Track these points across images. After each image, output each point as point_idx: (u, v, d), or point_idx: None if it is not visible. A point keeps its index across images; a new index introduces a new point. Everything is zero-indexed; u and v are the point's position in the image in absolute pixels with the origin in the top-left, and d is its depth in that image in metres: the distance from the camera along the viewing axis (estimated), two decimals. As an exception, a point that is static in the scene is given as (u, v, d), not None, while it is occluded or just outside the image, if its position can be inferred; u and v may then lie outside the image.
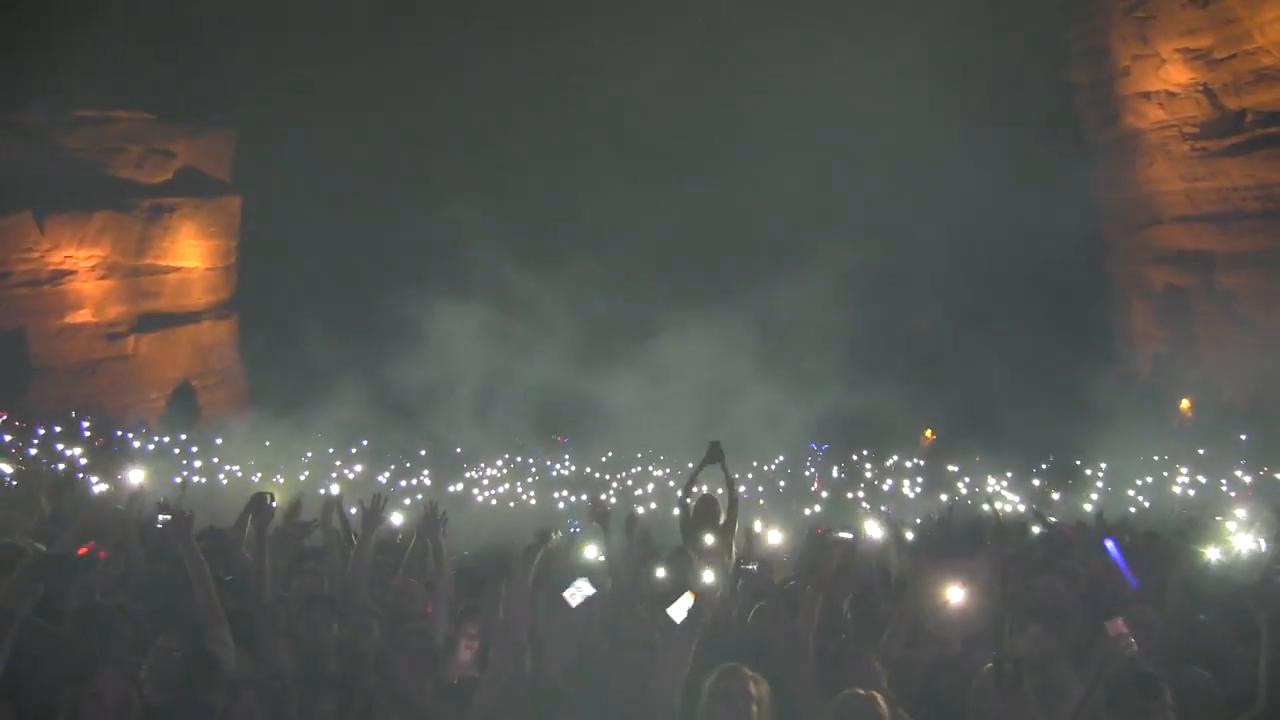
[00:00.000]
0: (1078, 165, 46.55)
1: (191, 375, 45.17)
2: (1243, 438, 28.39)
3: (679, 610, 4.17)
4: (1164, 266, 44.08)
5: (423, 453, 34.32)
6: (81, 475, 13.53)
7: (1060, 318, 35.90)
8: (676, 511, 8.33)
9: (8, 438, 25.19)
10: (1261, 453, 25.70)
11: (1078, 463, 29.81)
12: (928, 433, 37.91)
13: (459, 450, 34.37)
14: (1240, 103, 40.47)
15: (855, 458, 34.71)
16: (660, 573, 5.97)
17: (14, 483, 11.51)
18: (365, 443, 33.28)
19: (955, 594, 4.80)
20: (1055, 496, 25.11)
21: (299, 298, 42.19)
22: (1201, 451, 28.13)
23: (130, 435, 32.40)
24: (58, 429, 28.05)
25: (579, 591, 4.62)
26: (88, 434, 30.14)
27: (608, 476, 34.03)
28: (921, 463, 33.62)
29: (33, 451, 22.86)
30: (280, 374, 34.09)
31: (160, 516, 5.36)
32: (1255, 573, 5.61)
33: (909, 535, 10.43)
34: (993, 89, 42.00)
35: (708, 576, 5.37)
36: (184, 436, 34.08)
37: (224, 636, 4.76)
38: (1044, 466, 30.21)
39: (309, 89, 44.34)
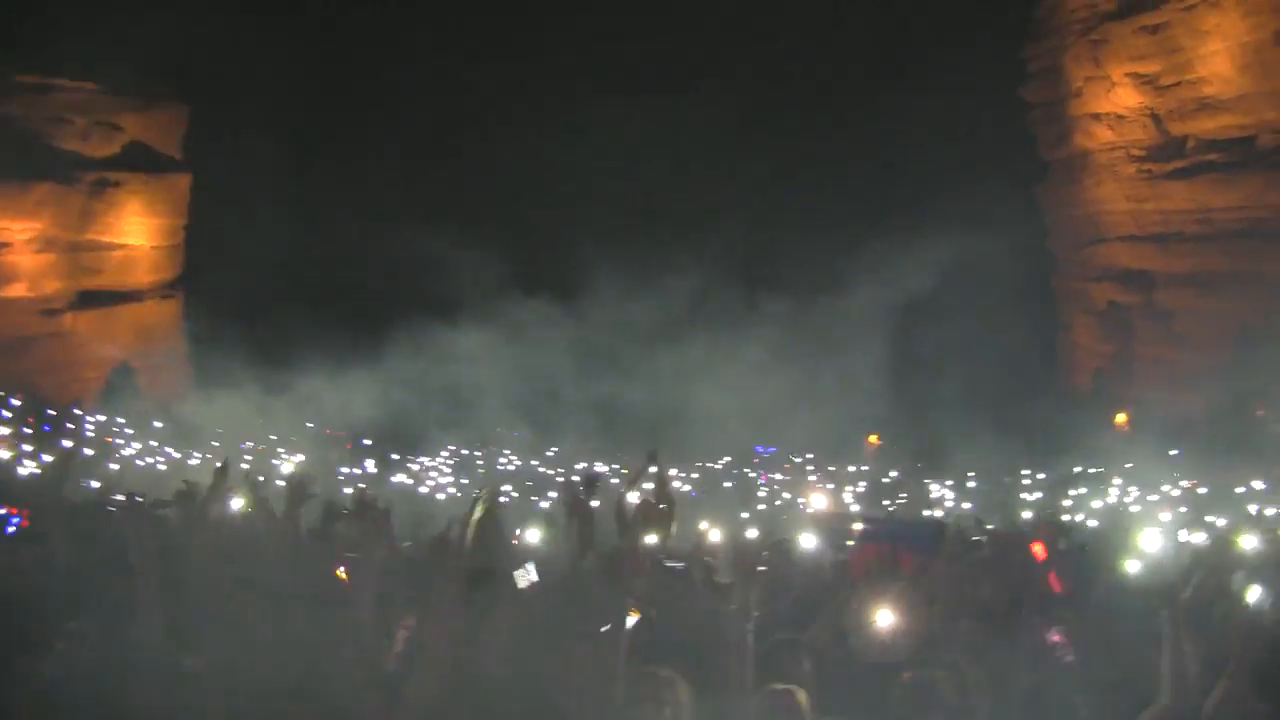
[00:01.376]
0: (1028, 181, 47.35)
1: (132, 355, 44.24)
2: (1174, 453, 29.04)
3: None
4: (1107, 284, 45.00)
5: (368, 442, 33.98)
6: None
7: (1005, 329, 36.35)
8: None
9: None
10: (1193, 468, 26.31)
11: (1024, 472, 30.33)
12: (872, 438, 38.33)
13: (406, 441, 34.08)
14: (1183, 129, 41.50)
15: (799, 460, 34.96)
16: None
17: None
18: (311, 426, 32.86)
19: (885, 618, 4.83)
20: (994, 503, 25.51)
21: (250, 280, 41.56)
22: (1129, 465, 28.73)
23: (64, 414, 31.78)
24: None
25: (525, 575, 4.66)
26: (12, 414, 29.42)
27: (553, 471, 33.91)
28: (865, 468, 33.99)
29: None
30: (226, 357, 33.48)
31: (115, 497, 5.28)
32: (1167, 575, 5.75)
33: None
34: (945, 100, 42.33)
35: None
36: (121, 419, 33.45)
37: (155, 624, 4.66)
38: (984, 475, 30.63)
39: (269, 66, 43.54)
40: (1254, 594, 4.55)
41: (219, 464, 6.84)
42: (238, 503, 7.24)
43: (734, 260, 33.67)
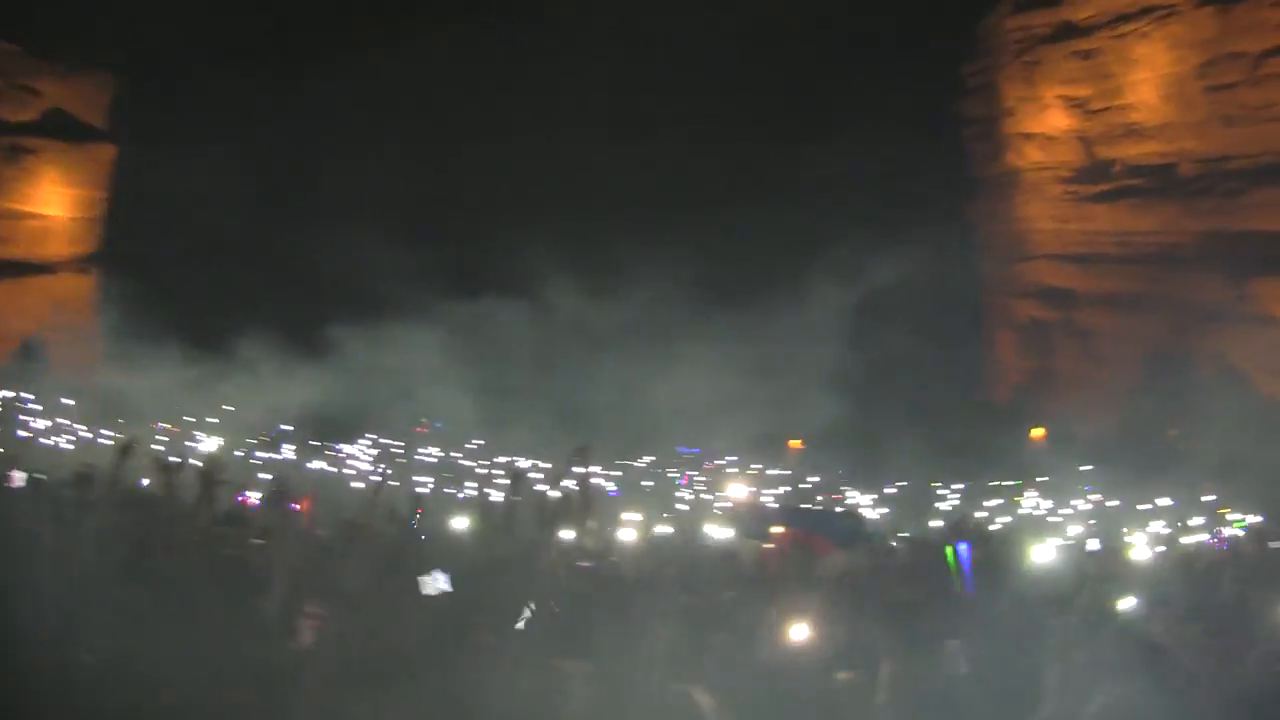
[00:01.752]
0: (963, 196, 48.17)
1: (42, 328, 42.74)
2: (1087, 468, 29.75)
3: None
4: (1030, 300, 45.95)
5: (288, 427, 33.30)
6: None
7: (931, 340, 37.01)
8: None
9: None
10: (1104, 484, 26.97)
11: (935, 484, 30.78)
12: (794, 442, 38.65)
13: (325, 427, 33.48)
14: (1110, 153, 42.57)
15: (720, 462, 35.11)
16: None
17: None
18: (229, 408, 32.13)
19: (800, 631, 4.83)
20: (911, 510, 25.88)
21: (171, 255, 40.48)
22: (1045, 479, 29.37)
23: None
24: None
25: (434, 582, 4.65)
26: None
27: (474, 464, 33.61)
28: (787, 472, 34.25)
29: None
30: (143, 335, 32.55)
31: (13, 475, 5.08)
32: (1061, 585, 5.98)
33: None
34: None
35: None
36: (28, 394, 32.33)
37: (51, 612, 4.51)
38: (903, 482, 31.07)
39: (203, 34, 42.26)
40: (1128, 604, 4.91)
41: (122, 443, 6.63)
42: (144, 484, 7.06)
43: (672, 262, 33.62)
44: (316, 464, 29.18)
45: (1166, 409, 32.93)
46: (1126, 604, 4.96)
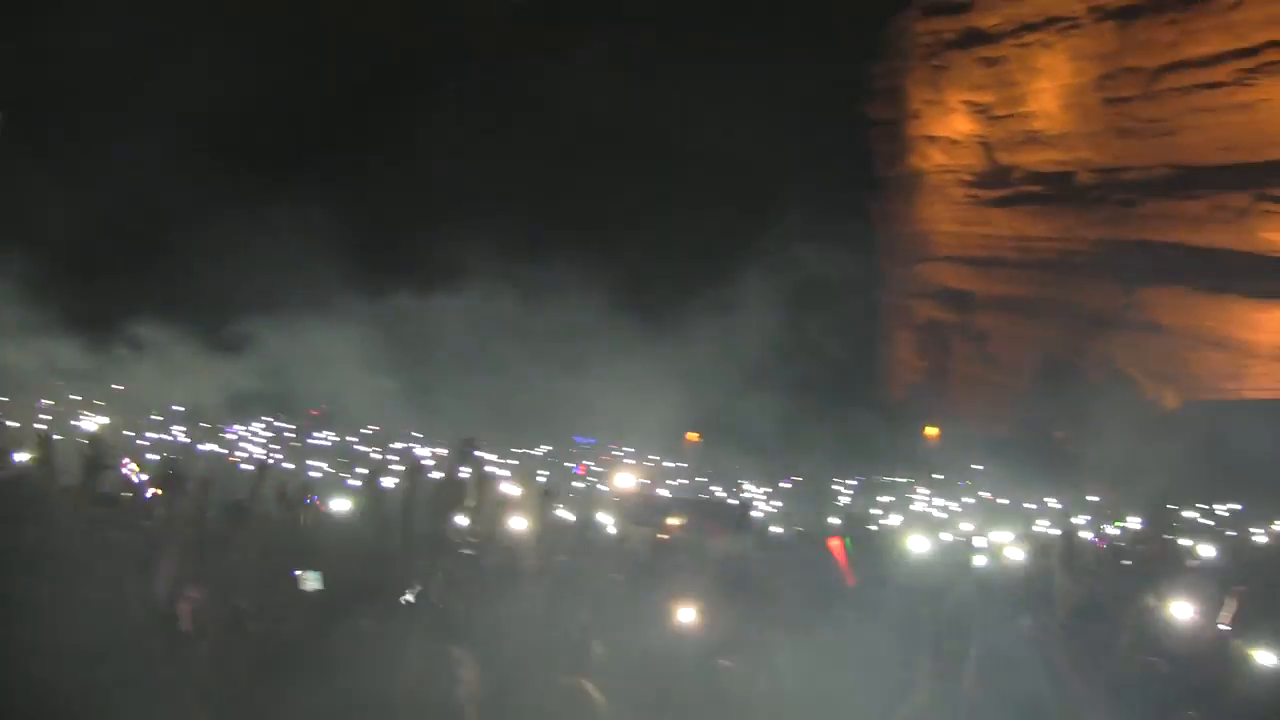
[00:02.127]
0: (867, 196, 48.57)
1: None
2: (978, 468, 30.04)
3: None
4: (928, 302, 46.57)
5: (179, 408, 31.85)
6: None
7: (830, 337, 37.12)
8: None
9: None
10: (995, 483, 27.20)
11: (831, 479, 30.76)
12: (692, 435, 38.35)
13: (218, 410, 32.16)
14: (1010, 159, 43.40)
15: (617, 453, 34.63)
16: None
17: None
18: (120, 387, 30.66)
19: (687, 616, 4.86)
20: (805, 504, 25.73)
21: (60, 228, 38.35)
22: (940, 476, 29.55)
23: None
24: None
25: (309, 580, 4.69)
26: None
27: (369, 450, 32.56)
28: (684, 465, 33.91)
29: None
30: (30, 310, 30.75)
31: None
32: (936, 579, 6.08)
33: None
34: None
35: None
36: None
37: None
38: (798, 477, 31.00)
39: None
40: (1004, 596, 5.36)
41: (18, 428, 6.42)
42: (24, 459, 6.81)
43: (574, 254, 33.10)
44: (208, 446, 28.03)
45: (1056, 412, 33.51)
46: (1002, 596, 5.35)
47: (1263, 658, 5.12)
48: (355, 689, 3.99)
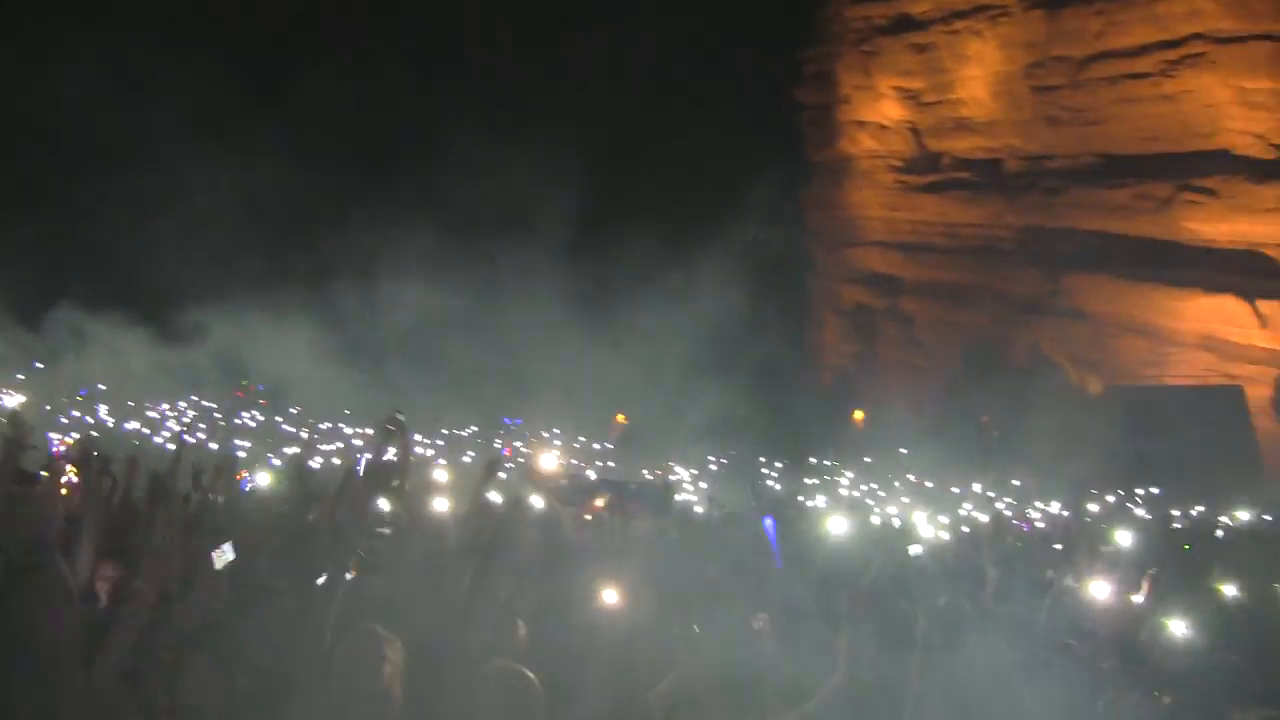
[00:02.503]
0: (795, 180, 48.58)
1: None
2: (903, 451, 30.22)
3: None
4: (857, 286, 46.82)
5: (102, 387, 30.93)
6: None
7: (759, 322, 37.11)
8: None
9: None
10: (922, 467, 27.37)
11: (759, 461, 30.75)
12: (619, 417, 38.17)
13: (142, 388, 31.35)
14: (939, 145, 43.74)
15: (545, 434, 34.35)
16: None
17: None
18: (38, 365, 29.72)
19: (610, 598, 4.77)
20: (735, 486, 25.60)
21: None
22: (868, 460, 29.68)
23: None
24: None
25: (223, 555, 4.60)
26: None
27: (298, 430, 31.95)
28: (610, 446, 33.75)
29: None
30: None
31: None
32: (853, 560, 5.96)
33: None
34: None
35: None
36: None
37: None
38: (727, 459, 30.95)
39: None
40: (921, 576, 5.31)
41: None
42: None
43: (501, 237, 32.70)
44: (131, 424, 27.27)
45: (982, 397, 33.86)
46: (920, 576, 5.37)
47: (1175, 627, 5.34)
48: (275, 668, 4.00)
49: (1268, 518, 15.82)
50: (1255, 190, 32.68)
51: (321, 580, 4.15)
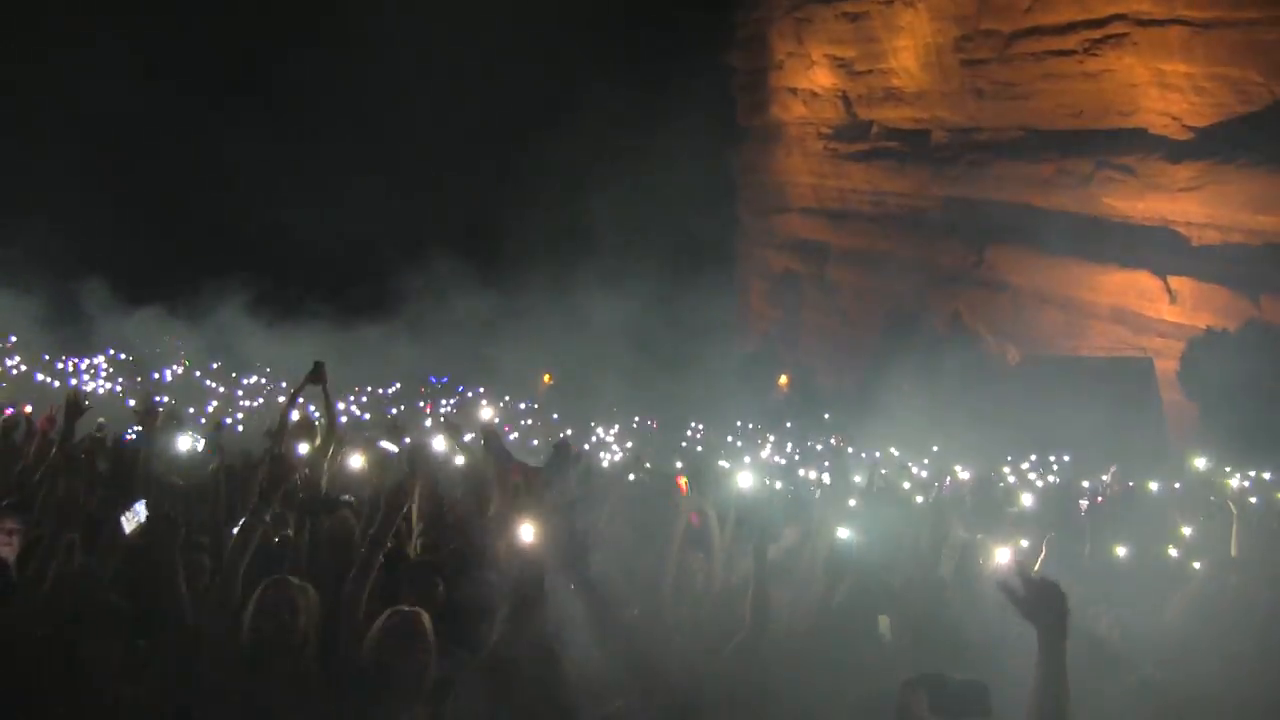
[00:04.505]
0: (726, 145, 48.53)
1: None
2: (825, 416, 30.60)
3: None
4: (784, 252, 47.09)
5: (14, 339, 29.95)
6: None
7: (687, 286, 37.17)
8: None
9: None
10: (841, 431, 27.74)
11: (692, 423, 30.93)
12: (546, 377, 38.02)
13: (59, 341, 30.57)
14: (869, 114, 43.98)
15: (471, 395, 34.07)
16: None
17: None
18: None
19: (527, 532, 4.52)
20: (659, 448, 25.72)
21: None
22: (790, 424, 29.98)
23: None
24: None
25: (133, 516, 4.47)
26: None
27: (216, 385, 31.38)
28: (536, 405, 33.57)
29: None
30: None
31: None
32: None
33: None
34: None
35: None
36: None
37: None
38: (650, 422, 31.03)
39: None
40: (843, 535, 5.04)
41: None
42: None
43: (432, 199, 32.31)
44: (44, 377, 26.35)
45: (903, 363, 34.36)
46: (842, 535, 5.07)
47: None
48: (192, 623, 3.97)
49: (1176, 485, 16.37)
50: (1170, 169, 33.41)
51: (232, 533, 4.09)
